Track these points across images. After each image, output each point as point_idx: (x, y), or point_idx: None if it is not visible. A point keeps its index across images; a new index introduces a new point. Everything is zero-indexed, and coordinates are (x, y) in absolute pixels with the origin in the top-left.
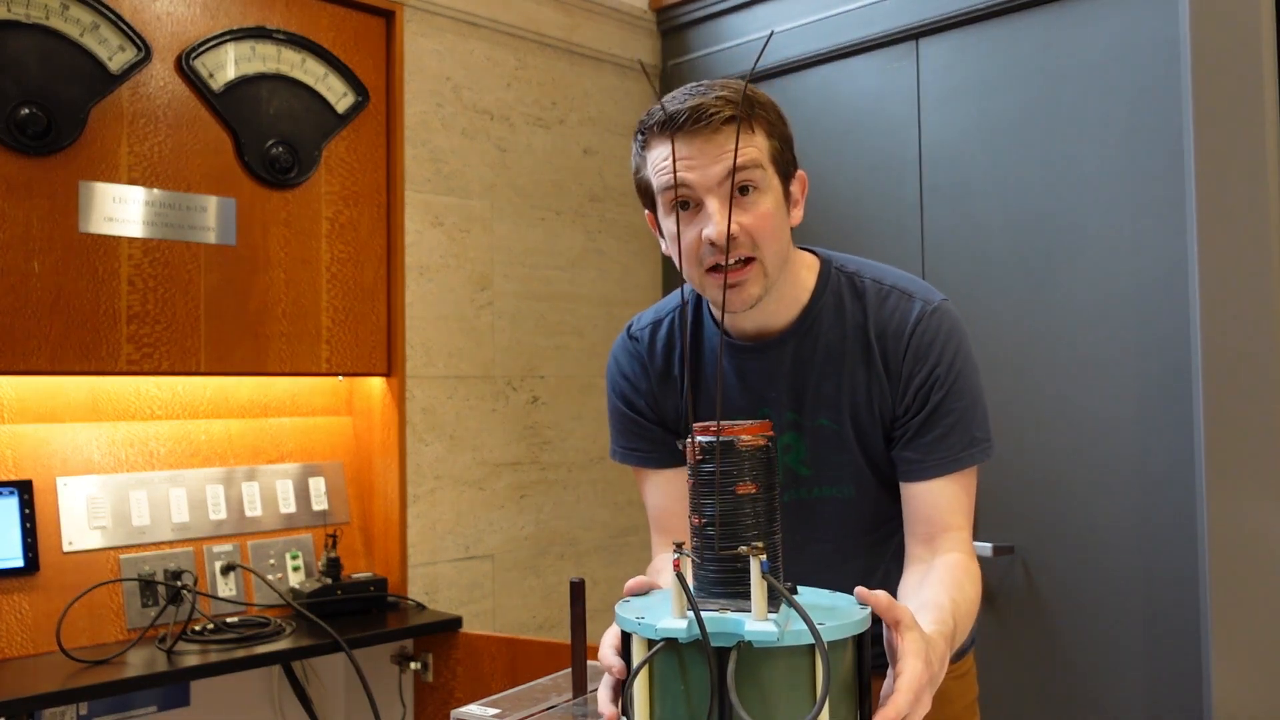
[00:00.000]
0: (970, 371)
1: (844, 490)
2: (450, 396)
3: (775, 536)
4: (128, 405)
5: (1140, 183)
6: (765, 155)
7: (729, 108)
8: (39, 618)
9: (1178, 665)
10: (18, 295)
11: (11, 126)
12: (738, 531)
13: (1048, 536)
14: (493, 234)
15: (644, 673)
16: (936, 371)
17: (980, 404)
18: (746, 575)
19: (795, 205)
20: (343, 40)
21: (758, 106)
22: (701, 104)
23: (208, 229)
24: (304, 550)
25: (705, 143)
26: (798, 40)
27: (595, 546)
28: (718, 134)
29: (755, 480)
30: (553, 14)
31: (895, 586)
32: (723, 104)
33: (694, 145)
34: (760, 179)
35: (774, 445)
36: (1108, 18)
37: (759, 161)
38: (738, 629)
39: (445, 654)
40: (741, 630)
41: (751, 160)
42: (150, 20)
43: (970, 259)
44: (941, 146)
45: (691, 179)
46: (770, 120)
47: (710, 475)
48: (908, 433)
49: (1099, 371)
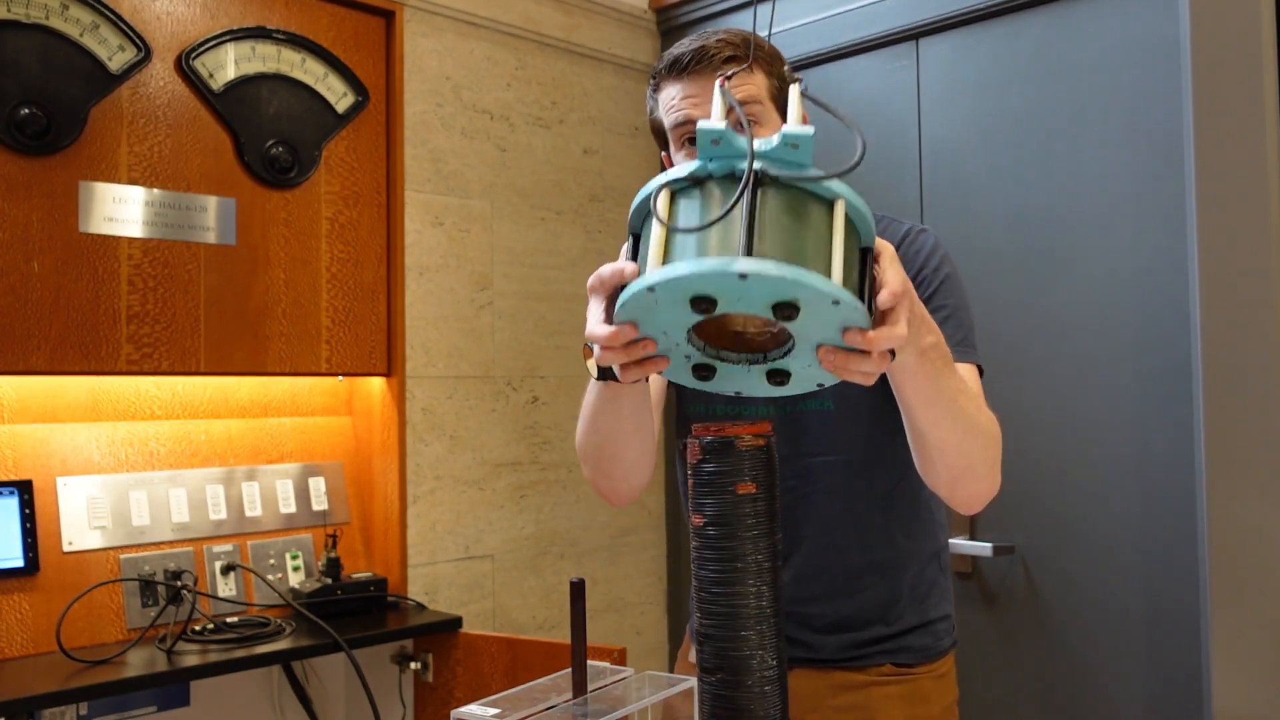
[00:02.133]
0: (958, 282)
1: (824, 404)
2: (450, 396)
3: (775, 536)
4: (127, 405)
5: (1140, 182)
6: (765, 92)
7: (728, 48)
8: (39, 618)
9: (1178, 665)
10: (18, 295)
11: (11, 126)
12: (737, 531)
13: (1048, 536)
14: (493, 234)
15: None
16: (924, 273)
17: (970, 314)
18: None
19: None
20: (343, 40)
21: (757, 49)
22: (704, 46)
23: (208, 229)
24: (304, 550)
25: (708, 80)
26: (798, 40)
27: (595, 546)
28: (718, 72)
29: (755, 480)
30: (553, 14)
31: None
32: (723, 45)
33: (697, 83)
34: (760, 114)
35: (774, 445)
36: (1108, 18)
37: (758, 98)
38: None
39: (445, 654)
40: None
41: (751, 96)
42: (150, 20)
43: (970, 259)
44: (941, 146)
45: (696, 115)
46: (769, 61)
47: (710, 475)
48: None
49: (1099, 371)
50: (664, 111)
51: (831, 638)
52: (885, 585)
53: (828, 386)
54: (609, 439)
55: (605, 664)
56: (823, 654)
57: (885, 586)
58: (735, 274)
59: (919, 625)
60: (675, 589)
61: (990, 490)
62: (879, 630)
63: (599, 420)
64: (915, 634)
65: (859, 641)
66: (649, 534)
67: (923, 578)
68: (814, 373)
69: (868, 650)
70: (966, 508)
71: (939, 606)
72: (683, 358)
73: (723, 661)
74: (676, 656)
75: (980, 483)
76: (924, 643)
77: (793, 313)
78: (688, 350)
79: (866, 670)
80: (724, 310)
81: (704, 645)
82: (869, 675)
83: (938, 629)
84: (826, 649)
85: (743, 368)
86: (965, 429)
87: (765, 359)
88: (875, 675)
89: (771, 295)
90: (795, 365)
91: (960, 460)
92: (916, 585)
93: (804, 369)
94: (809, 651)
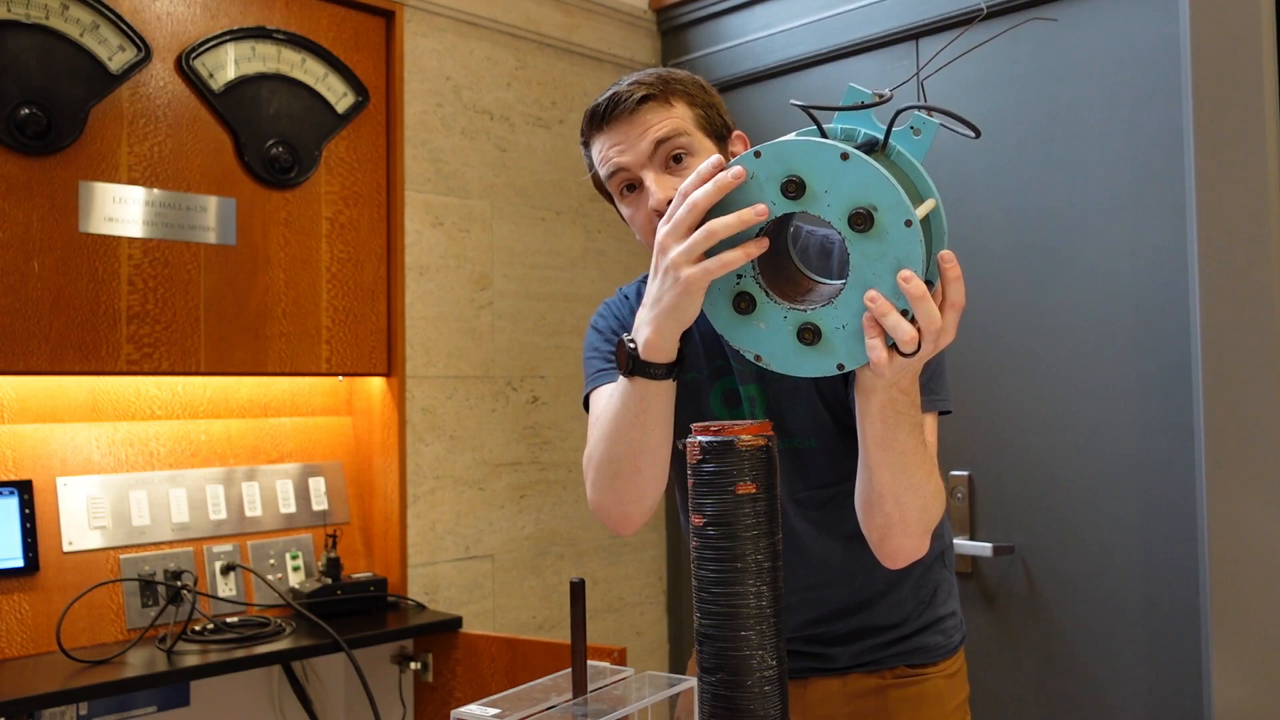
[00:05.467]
0: None
1: (806, 442)
2: (450, 396)
3: (775, 537)
4: (128, 405)
5: (1140, 182)
6: (690, 122)
7: (641, 89)
8: (39, 618)
9: (1178, 665)
10: (18, 295)
11: (11, 126)
12: (737, 531)
13: (1048, 536)
14: (493, 234)
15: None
16: None
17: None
18: None
19: None
20: (343, 40)
21: (672, 81)
22: (616, 92)
23: (208, 229)
24: (304, 550)
25: (628, 125)
26: (798, 40)
27: (595, 546)
28: (637, 113)
29: (755, 480)
30: (553, 14)
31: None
32: (636, 87)
33: (619, 130)
34: (689, 144)
35: (774, 445)
36: (1108, 18)
37: (682, 129)
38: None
39: (445, 654)
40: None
41: (674, 130)
42: (150, 20)
43: (970, 259)
44: (941, 146)
45: (625, 161)
46: (689, 91)
47: (710, 475)
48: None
49: (1098, 371)
50: (599, 165)
51: (846, 647)
52: (894, 596)
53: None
54: (631, 449)
55: (605, 664)
56: (839, 662)
57: (894, 597)
58: (839, 152)
59: (928, 625)
60: (675, 589)
61: (916, 551)
62: (890, 634)
63: (621, 428)
64: (926, 633)
65: (873, 646)
66: (649, 534)
67: (928, 579)
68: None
69: (882, 654)
70: (890, 560)
71: (945, 604)
72: (731, 284)
73: (722, 661)
74: (686, 667)
75: (908, 539)
76: (935, 641)
77: (867, 224)
78: (737, 276)
79: (881, 673)
80: (809, 203)
81: (704, 645)
82: (884, 679)
83: (947, 626)
84: (842, 657)
85: (780, 315)
86: (907, 485)
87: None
88: (890, 678)
89: (859, 193)
90: (829, 323)
91: (894, 512)
92: (922, 587)
93: (836, 331)
94: (824, 662)
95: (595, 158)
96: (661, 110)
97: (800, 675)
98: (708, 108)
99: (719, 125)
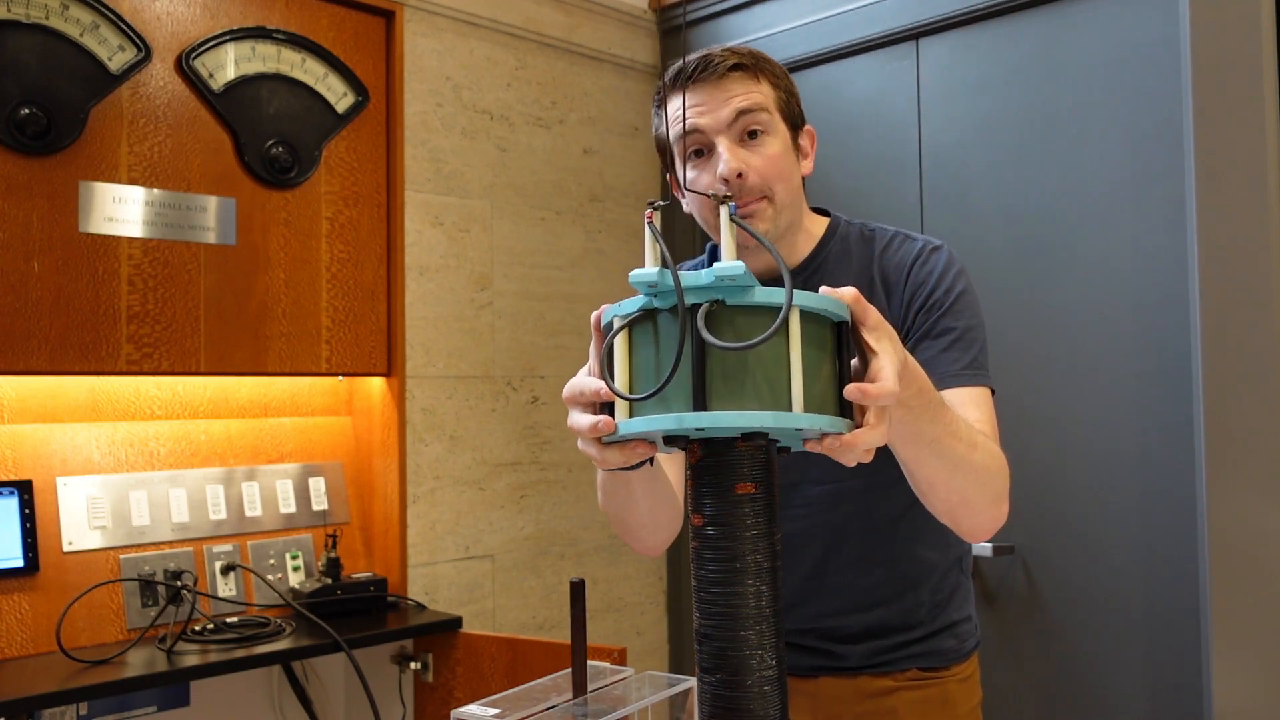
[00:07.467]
0: (970, 301)
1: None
2: (450, 396)
3: (775, 536)
4: (127, 405)
5: (1140, 183)
6: (771, 102)
7: (733, 57)
8: (39, 618)
9: (1178, 665)
10: (18, 295)
11: (11, 126)
12: (737, 531)
13: (1048, 536)
14: (493, 234)
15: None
16: (935, 295)
17: (982, 333)
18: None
19: (805, 156)
20: (343, 40)
21: (762, 60)
22: (709, 54)
23: (208, 229)
24: (304, 550)
25: (713, 89)
26: (798, 40)
27: (595, 546)
28: (724, 80)
29: (755, 480)
30: (553, 14)
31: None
32: (728, 54)
33: (703, 92)
34: (767, 123)
35: (774, 444)
36: (1108, 18)
37: (765, 106)
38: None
39: (445, 654)
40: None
41: (757, 104)
42: (150, 20)
43: (970, 259)
44: (941, 146)
45: (702, 123)
46: (775, 73)
47: (710, 475)
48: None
49: (1099, 371)
50: (670, 123)
51: (857, 646)
52: (910, 596)
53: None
54: (625, 511)
55: (605, 664)
56: (849, 661)
57: (910, 598)
58: (692, 428)
59: (943, 628)
60: (675, 589)
61: (993, 521)
62: (903, 636)
63: (609, 497)
64: (939, 637)
65: (885, 648)
66: None
67: (945, 583)
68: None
69: (893, 656)
70: (971, 537)
71: (961, 609)
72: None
73: (722, 661)
74: (692, 668)
75: (978, 515)
76: (949, 645)
77: (763, 438)
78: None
79: (894, 675)
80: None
81: (703, 645)
82: (896, 680)
83: (961, 631)
84: (853, 657)
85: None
86: (953, 467)
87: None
88: (902, 680)
89: (737, 430)
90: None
91: (953, 495)
92: (939, 591)
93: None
94: (835, 660)
95: (670, 116)
96: (749, 82)
97: (811, 673)
98: (790, 94)
99: (796, 114)
